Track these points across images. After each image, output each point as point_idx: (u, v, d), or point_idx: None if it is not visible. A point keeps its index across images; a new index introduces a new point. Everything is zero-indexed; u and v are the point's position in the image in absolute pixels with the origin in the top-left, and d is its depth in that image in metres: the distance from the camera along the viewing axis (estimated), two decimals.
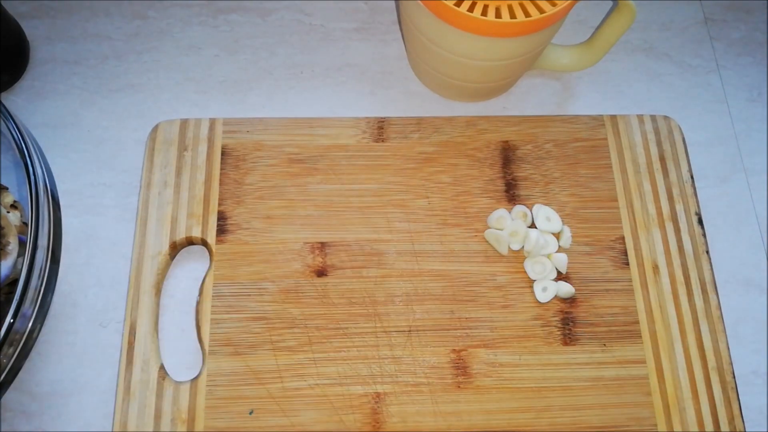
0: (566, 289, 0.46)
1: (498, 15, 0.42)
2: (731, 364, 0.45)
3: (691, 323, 0.46)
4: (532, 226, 0.48)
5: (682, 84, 0.56)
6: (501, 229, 0.47)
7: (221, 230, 0.47)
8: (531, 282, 0.47)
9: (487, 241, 0.48)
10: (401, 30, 0.56)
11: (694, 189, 0.50)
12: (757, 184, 0.53)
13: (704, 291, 0.47)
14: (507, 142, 0.51)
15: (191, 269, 0.48)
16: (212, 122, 0.50)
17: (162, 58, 0.55)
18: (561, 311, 0.46)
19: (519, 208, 0.48)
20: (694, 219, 0.49)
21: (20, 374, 0.43)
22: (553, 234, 0.48)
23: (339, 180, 0.49)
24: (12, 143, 0.43)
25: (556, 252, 0.47)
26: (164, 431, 0.42)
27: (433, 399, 0.43)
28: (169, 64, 0.55)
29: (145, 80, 0.54)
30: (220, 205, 0.48)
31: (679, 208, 0.49)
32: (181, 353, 0.45)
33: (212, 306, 0.45)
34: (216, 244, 0.47)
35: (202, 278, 0.47)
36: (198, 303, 0.45)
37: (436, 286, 0.46)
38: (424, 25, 0.46)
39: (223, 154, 0.49)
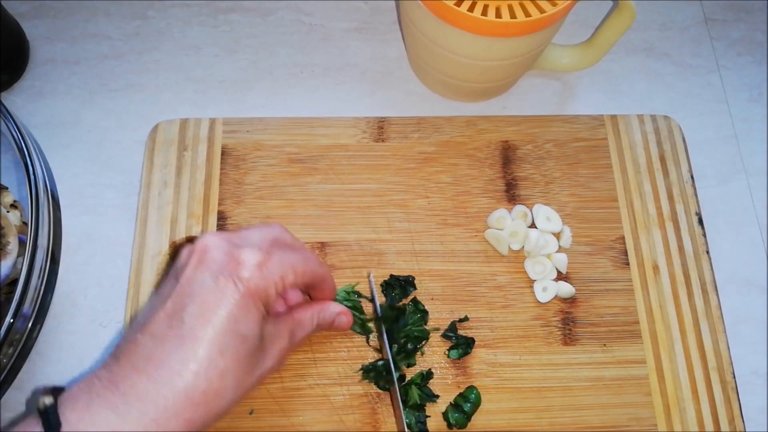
0: (566, 289, 0.46)
1: (498, 15, 0.42)
2: (731, 364, 0.45)
3: (691, 323, 0.46)
4: (532, 226, 0.48)
5: (682, 84, 0.56)
6: (501, 229, 0.47)
7: (221, 230, 0.47)
8: (531, 282, 0.47)
9: (487, 241, 0.48)
10: (401, 30, 0.56)
11: (694, 189, 0.50)
12: (757, 184, 0.53)
13: (704, 291, 0.47)
14: (507, 142, 0.51)
15: None
16: (212, 122, 0.50)
17: (162, 58, 0.55)
18: (561, 311, 0.46)
19: (519, 208, 0.48)
20: (695, 219, 0.49)
21: (20, 374, 0.43)
22: (553, 234, 0.48)
23: (339, 180, 0.49)
24: (12, 143, 0.43)
25: (556, 252, 0.47)
26: None
27: None
28: (169, 64, 0.55)
29: (145, 80, 0.54)
30: (220, 205, 0.48)
31: (679, 208, 0.49)
32: None
33: None
34: None
35: None
36: None
37: (436, 286, 0.46)
38: (424, 25, 0.46)
39: (223, 154, 0.49)
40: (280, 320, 0.38)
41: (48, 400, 0.32)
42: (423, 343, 0.44)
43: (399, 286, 0.45)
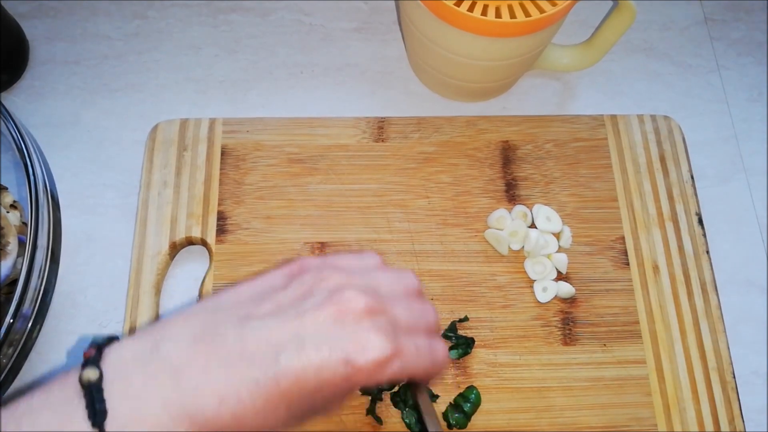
0: (566, 289, 0.46)
1: (498, 15, 0.42)
2: (731, 364, 0.45)
3: (691, 323, 0.46)
4: (532, 226, 0.48)
5: (682, 84, 0.56)
6: (501, 229, 0.47)
7: (221, 230, 0.47)
8: (531, 282, 0.47)
9: (487, 241, 0.48)
10: (401, 30, 0.56)
11: (694, 189, 0.50)
12: (757, 184, 0.53)
13: (704, 291, 0.47)
14: (507, 142, 0.51)
15: (191, 269, 0.48)
16: (212, 122, 0.50)
17: (162, 58, 0.55)
18: (561, 311, 0.46)
19: (519, 208, 0.48)
20: (694, 219, 0.49)
21: (20, 374, 0.43)
22: (553, 234, 0.48)
23: (339, 180, 0.49)
24: (12, 143, 0.43)
25: (556, 252, 0.47)
26: None
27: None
28: (169, 64, 0.55)
29: (145, 80, 0.54)
30: (219, 205, 0.48)
31: (679, 208, 0.49)
32: None
33: None
34: (216, 244, 0.47)
35: (201, 278, 0.47)
36: None
37: (436, 286, 0.46)
38: (424, 25, 0.46)
39: (222, 154, 0.49)
40: None
41: (93, 374, 0.25)
42: None
43: None
